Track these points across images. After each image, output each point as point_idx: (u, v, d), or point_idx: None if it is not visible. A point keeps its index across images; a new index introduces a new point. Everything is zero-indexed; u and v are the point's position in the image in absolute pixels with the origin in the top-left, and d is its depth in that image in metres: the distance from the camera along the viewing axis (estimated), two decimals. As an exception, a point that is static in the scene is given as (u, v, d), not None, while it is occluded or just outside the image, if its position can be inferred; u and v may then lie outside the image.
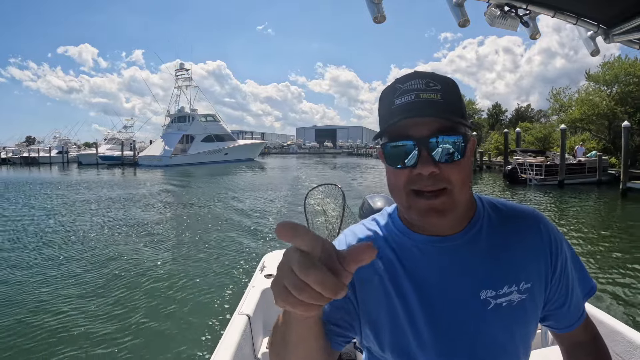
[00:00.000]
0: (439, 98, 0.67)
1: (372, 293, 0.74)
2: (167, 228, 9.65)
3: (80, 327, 4.36)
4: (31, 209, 13.31)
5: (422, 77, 0.69)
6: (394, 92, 0.69)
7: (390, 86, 0.71)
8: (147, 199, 15.84)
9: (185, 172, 30.72)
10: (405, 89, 0.68)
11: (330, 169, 35.13)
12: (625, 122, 16.97)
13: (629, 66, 24.80)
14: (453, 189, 0.67)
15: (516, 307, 0.73)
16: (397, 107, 0.67)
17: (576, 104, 26.88)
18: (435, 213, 0.67)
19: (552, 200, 14.91)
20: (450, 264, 0.73)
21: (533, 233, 0.77)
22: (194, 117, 45.01)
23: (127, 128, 55.04)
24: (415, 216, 0.69)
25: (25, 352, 3.87)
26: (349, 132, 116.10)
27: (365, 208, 1.98)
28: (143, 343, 4.01)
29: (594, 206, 13.82)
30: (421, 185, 0.66)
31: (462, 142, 0.67)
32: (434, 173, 0.65)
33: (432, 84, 0.68)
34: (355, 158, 59.61)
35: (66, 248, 7.80)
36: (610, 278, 6.00)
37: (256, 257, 6.62)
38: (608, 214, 12.30)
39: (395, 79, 0.71)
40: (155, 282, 5.75)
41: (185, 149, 42.50)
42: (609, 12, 1.44)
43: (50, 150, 47.45)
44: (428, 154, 0.66)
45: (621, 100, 24.84)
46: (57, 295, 5.29)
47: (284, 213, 11.53)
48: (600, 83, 26.40)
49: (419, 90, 0.67)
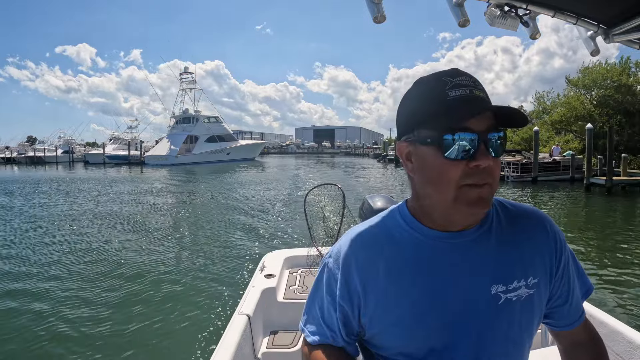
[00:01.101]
0: (486, 97, 0.67)
1: (378, 290, 0.72)
2: (168, 227, 9.32)
3: (80, 326, 4.14)
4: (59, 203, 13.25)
5: (468, 75, 0.67)
6: (443, 84, 0.65)
7: (432, 78, 0.68)
8: (154, 194, 16.26)
9: (190, 171, 30.63)
10: (458, 83, 0.65)
11: (328, 167, 35.06)
12: (589, 124, 18.67)
13: (606, 71, 25.00)
14: (493, 183, 0.66)
15: (524, 301, 0.72)
16: (453, 99, 0.64)
17: (556, 107, 27.11)
18: (483, 202, 0.65)
19: (525, 193, 16.00)
20: (461, 259, 0.71)
21: (539, 231, 0.77)
22: (198, 118, 44.86)
23: (132, 129, 54.84)
24: (461, 207, 0.66)
25: (22, 350, 3.71)
26: (347, 132, 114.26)
27: (365, 208, 1.88)
28: (143, 343, 3.81)
29: (560, 198, 15.16)
30: (475, 178, 0.64)
31: (505, 139, 0.68)
32: (491, 167, 0.64)
33: (477, 83, 0.67)
34: (352, 158, 59.14)
35: (62, 245, 7.54)
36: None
37: (256, 257, 6.24)
38: (572, 204, 13.74)
39: (435, 72, 0.68)
40: (155, 282, 5.48)
41: (189, 148, 42.34)
42: (609, 12, 1.35)
43: (57, 150, 46.91)
44: (486, 148, 0.64)
45: (600, 103, 25.06)
46: (56, 294, 5.02)
47: (285, 213, 11.04)
48: (580, 87, 26.50)
49: (471, 87, 0.65)
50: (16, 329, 4.12)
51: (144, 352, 3.67)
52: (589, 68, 25.98)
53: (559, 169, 20.37)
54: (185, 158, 40.07)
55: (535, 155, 19.68)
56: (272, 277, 2.27)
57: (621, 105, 24.05)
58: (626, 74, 24.53)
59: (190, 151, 41.99)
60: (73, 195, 15.91)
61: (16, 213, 11.54)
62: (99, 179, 23.89)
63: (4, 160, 46.16)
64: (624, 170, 17.42)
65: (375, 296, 0.72)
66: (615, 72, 24.58)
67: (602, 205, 13.59)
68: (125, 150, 43.53)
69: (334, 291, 0.76)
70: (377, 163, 41.85)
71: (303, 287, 2.30)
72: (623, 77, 24.36)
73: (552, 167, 20.57)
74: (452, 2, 1.41)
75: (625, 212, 12.44)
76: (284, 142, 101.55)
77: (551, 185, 18.41)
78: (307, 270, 2.53)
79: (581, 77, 26.32)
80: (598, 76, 25.00)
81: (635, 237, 8.58)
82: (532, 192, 16.27)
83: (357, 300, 0.74)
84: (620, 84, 24.17)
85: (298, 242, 6.98)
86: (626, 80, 24.23)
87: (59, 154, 45.89)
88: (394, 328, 0.72)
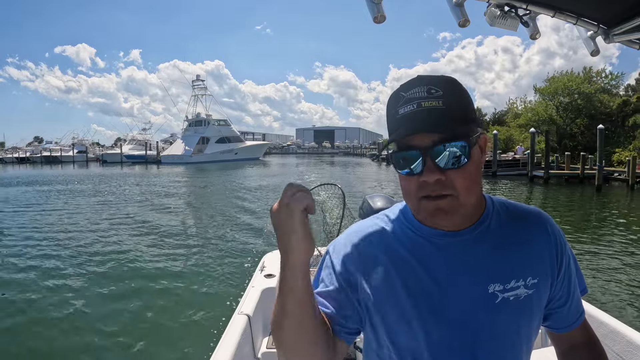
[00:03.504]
0: (440, 105, 0.58)
1: (377, 285, 0.65)
2: (170, 226, 8.46)
3: (80, 326, 3.73)
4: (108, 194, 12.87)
5: (424, 83, 0.60)
6: (397, 101, 0.61)
7: (394, 93, 0.63)
8: (166, 188, 16.47)
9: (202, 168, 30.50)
10: (408, 98, 0.60)
11: (328, 165, 34.70)
12: (532, 129, 20.45)
13: (567, 80, 25.24)
14: (458, 195, 0.59)
15: (523, 301, 0.64)
16: (401, 117, 0.60)
17: (523, 112, 27.42)
18: (442, 213, 0.60)
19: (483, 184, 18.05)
20: (459, 258, 0.65)
21: (540, 231, 0.69)
22: (209, 121, 44.68)
23: (146, 130, 54.68)
24: (424, 217, 0.64)
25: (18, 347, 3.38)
26: (346, 132, 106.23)
27: (365, 208, 1.70)
28: (143, 342, 3.43)
29: (507, 186, 17.34)
30: (428, 191, 0.59)
31: (467, 146, 0.58)
32: (440, 180, 0.58)
33: (433, 90, 0.59)
34: (351, 157, 57.37)
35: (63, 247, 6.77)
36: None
37: (256, 257, 5.36)
38: (515, 192, 15.57)
39: (400, 85, 0.63)
40: (154, 282, 4.92)
41: (202, 149, 42.15)
42: (609, 12, 1.18)
43: (73, 150, 46.30)
44: (432, 162, 0.59)
45: (565, 108, 25.38)
46: (54, 294, 4.51)
47: None
48: (545, 95, 26.67)
49: (421, 98, 0.59)
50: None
51: (144, 351, 3.32)
52: (554, 77, 26.22)
53: (519, 165, 21.35)
54: (198, 157, 39.99)
55: (494, 153, 20.92)
56: (272, 277, 2.08)
57: (584, 110, 24.34)
58: (586, 83, 24.74)
59: (202, 151, 41.85)
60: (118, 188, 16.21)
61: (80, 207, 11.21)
62: (135, 175, 24.28)
63: (18, 160, 45.13)
64: (567, 166, 19.44)
65: (371, 290, 0.65)
66: (577, 81, 24.81)
67: (540, 192, 16.01)
68: (139, 150, 43.26)
69: (331, 280, 0.68)
70: (371, 162, 41.61)
71: None
72: (583, 85, 24.55)
73: (513, 163, 21.67)
74: (452, 2, 1.24)
75: (553, 198, 14.52)
76: (285, 142, 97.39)
77: (507, 178, 20.07)
78: None
79: (547, 85, 26.50)
80: (560, 85, 25.23)
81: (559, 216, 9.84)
82: (487, 184, 17.66)
83: (355, 291, 0.66)
84: (580, 92, 24.41)
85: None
86: (586, 89, 24.44)
87: (74, 154, 45.28)
88: (388, 324, 0.65)
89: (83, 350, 3.34)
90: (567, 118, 24.99)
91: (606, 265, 5.83)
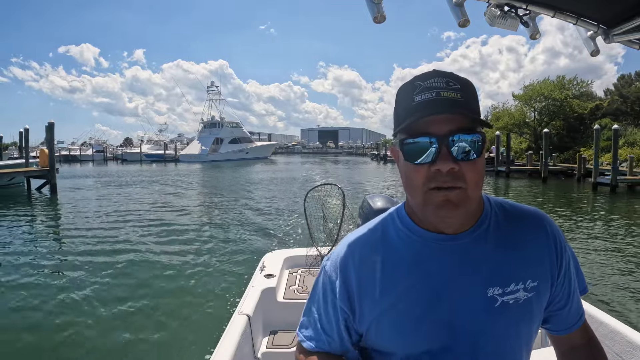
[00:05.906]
0: (459, 97, 0.53)
1: (374, 289, 0.59)
2: (170, 225, 7.58)
3: (79, 325, 3.38)
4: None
5: (442, 75, 0.54)
6: (413, 89, 0.54)
7: (408, 83, 0.55)
8: (183, 183, 16.52)
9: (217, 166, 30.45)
10: (426, 87, 0.53)
11: (331, 164, 34.26)
12: (497, 132, 21.43)
13: (539, 87, 25.11)
14: (467, 188, 0.52)
15: (522, 305, 0.57)
16: (418, 104, 0.53)
17: (502, 116, 27.34)
18: (451, 205, 0.52)
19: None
20: (458, 261, 0.58)
21: (539, 232, 0.61)
22: (223, 124, 44.61)
23: (162, 131, 54.19)
24: (430, 211, 0.54)
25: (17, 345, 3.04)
26: (350, 133, 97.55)
27: (365, 208, 1.55)
28: (143, 342, 3.12)
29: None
30: (439, 182, 0.52)
31: (480, 141, 0.53)
32: (453, 170, 0.52)
33: (452, 83, 0.53)
34: (353, 157, 54.95)
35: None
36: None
37: (256, 257, 4.58)
38: (485, 183, 16.02)
39: (414, 76, 0.55)
40: (154, 281, 4.47)
41: (216, 149, 42.08)
42: (609, 12, 1.05)
43: (92, 149, 45.46)
44: (448, 151, 0.52)
45: (541, 112, 25.33)
46: (54, 294, 4.05)
47: (287, 211, 9.01)
48: (521, 100, 26.53)
49: (440, 88, 0.53)
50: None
51: (144, 351, 3.03)
52: (531, 85, 26.07)
53: (493, 163, 22.08)
54: (213, 156, 39.99)
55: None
56: (272, 277, 1.91)
57: (557, 114, 24.29)
58: (559, 89, 24.53)
59: (217, 151, 41.80)
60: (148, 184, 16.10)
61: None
62: (163, 172, 24.17)
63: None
64: (529, 162, 20.72)
65: (371, 296, 0.59)
66: (549, 88, 24.69)
67: (502, 183, 17.53)
68: (157, 150, 42.85)
69: (332, 294, 0.61)
70: (372, 161, 40.74)
71: (303, 287, 1.93)
72: (555, 92, 24.38)
73: (487, 161, 23.17)
74: (452, 2, 1.10)
75: (514, 187, 16.29)
76: (290, 142, 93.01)
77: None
78: (306, 270, 2.13)
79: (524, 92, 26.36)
80: (534, 92, 25.10)
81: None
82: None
83: (355, 300, 0.60)
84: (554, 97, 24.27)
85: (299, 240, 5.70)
86: (558, 95, 24.25)
87: (93, 153, 44.45)
88: (389, 329, 0.59)
89: (83, 351, 3.02)
90: (542, 121, 24.93)
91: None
